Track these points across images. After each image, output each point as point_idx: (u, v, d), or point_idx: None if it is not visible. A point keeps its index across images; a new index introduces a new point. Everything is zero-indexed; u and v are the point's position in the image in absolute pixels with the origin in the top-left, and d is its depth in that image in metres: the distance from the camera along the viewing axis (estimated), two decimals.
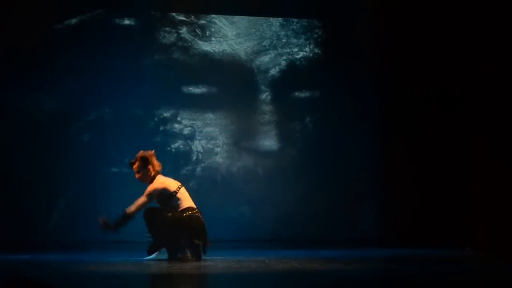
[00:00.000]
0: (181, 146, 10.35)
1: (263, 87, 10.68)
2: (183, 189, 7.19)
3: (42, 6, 10.09)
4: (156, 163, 7.22)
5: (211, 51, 10.62)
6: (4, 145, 9.84)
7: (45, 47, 10.04)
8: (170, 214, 7.01)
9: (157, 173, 7.22)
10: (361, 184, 10.58)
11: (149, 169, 7.18)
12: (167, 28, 10.55)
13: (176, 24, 10.58)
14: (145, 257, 7.17)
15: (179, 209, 7.06)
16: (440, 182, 9.79)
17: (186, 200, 7.15)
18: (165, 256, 7.15)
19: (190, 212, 7.07)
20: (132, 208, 7.00)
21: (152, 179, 7.19)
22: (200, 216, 7.13)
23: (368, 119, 10.72)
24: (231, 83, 10.60)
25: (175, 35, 10.56)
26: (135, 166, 7.21)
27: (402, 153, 10.28)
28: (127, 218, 7.00)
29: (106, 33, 10.30)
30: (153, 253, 7.20)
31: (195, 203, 7.20)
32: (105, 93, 10.10)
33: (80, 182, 10.03)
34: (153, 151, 7.26)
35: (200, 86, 10.54)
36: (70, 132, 10.12)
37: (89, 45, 10.20)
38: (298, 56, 10.79)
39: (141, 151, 7.23)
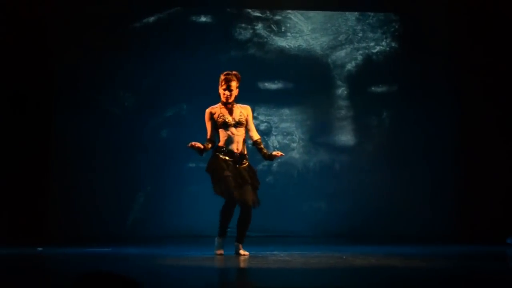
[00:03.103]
0: None
1: (339, 82, 10.61)
2: None
3: (122, 5, 10.31)
4: None
5: (287, 46, 10.61)
6: (86, 142, 10.08)
7: (124, 45, 10.25)
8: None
9: None
10: (439, 180, 10.39)
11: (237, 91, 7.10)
12: (243, 25, 10.59)
13: (251, 20, 10.61)
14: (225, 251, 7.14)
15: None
16: None
17: None
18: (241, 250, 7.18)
19: None
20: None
21: (233, 104, 7.08)
22: None
23: (446, 114, 10.51)
24: (307, 79, 10.57)
25: (251, 31, 10.59)
26: (233, 82, 7.03)
27: (482, 149, 10.08)
28: None
29: (183, 30, 10.43)
30: None
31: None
32: (183, 90, 10.23)
33: (158, 177, 10.19)
34: None
35: (276, 82, 10.55)
36: (149, 128, 10.29)
37: (166, 42, 10.36)
38: (375, 51, 10.67)
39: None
